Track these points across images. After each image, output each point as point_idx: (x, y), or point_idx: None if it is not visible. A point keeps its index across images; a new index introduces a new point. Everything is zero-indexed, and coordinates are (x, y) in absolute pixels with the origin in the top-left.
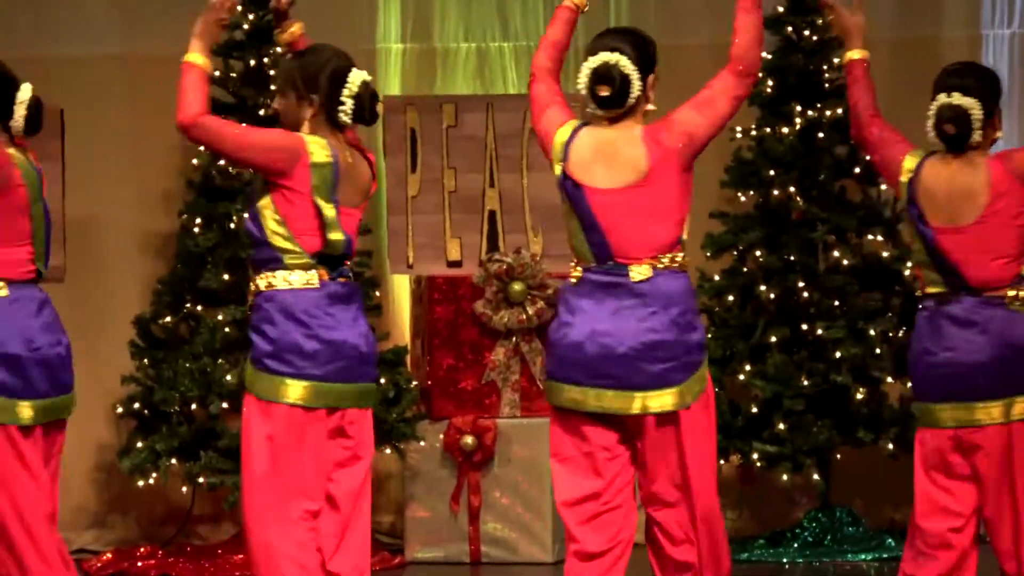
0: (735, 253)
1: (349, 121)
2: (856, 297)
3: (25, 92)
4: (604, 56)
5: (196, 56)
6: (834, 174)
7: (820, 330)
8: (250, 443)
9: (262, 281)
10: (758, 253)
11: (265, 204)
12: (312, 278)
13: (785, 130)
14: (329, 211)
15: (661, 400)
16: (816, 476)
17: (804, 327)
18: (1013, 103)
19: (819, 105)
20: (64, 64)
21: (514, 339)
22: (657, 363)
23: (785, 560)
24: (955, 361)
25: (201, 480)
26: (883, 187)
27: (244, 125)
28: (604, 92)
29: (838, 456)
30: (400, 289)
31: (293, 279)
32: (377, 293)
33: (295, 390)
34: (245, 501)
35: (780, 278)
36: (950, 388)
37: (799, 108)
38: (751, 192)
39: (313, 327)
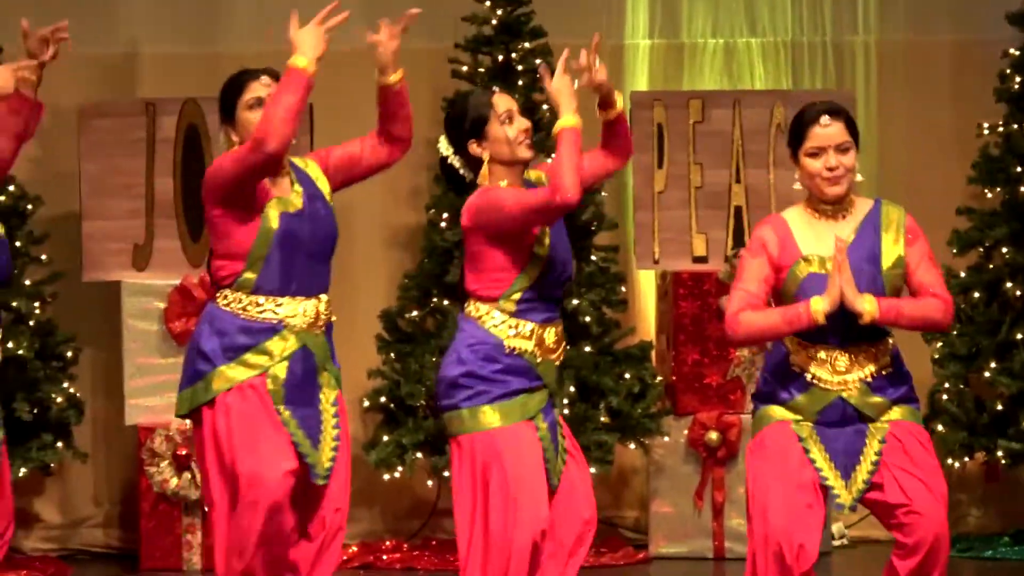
0: (981, 250)
1: None
2: None
3: None
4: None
5: None
6: None
7: None
8: None
9: None
10: (1004, 250)
11: None
12: None
13: None
14: None
15: None
16: None
17: None
18: None
19: None
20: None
21: None
22: None
23: None
24: None
25: (447, 474)
26: None
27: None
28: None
29: None
30: (646, 284)
31: None
32: (623, 288)
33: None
34: None
35: None
36: None
37: None
38: (997, 188)
39: None
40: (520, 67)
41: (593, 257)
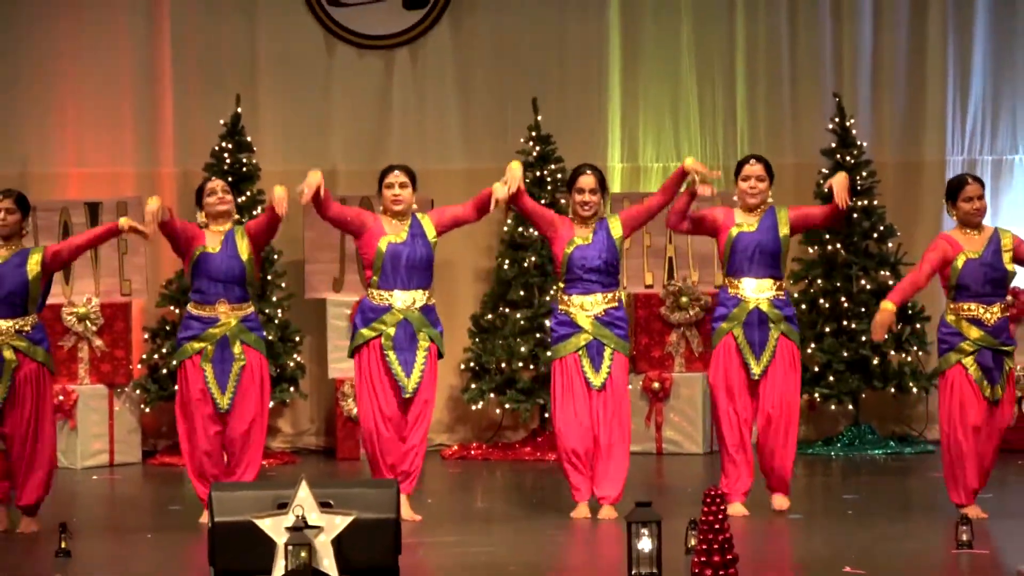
0: (806, 281)
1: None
2: (875, 307)
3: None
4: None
5: None
6: (862, 237)
7: (854, 325)
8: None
9: None
10: (819, 281)
11: None
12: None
13: None
14: None
15: None
16: (851, 407)
17: (844, 323)
18: None
19: (854, 199)
20: (427, 177)
21: (682, 329)
22: None
23: (833, 454)
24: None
25: (508, 405)
26: (889, 244)
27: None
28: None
29: (863, 396)
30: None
31: None
32: None
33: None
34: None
35: (831, 296)
36: None
37: None
38: (816, 247)
39: None
40: (548, 180)
41: None
